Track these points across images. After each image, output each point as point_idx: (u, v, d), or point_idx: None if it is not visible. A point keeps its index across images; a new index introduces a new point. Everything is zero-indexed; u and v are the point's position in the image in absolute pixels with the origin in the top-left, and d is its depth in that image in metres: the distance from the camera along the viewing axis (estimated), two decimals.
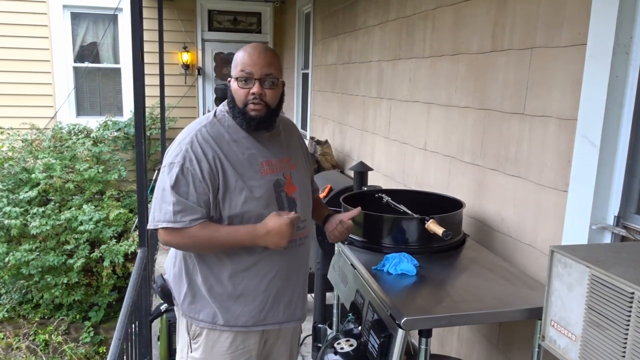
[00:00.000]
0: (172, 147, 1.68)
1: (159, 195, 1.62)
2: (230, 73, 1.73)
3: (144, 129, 2.62)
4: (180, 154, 1.61)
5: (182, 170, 1.59)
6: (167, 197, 1.59)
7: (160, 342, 3.16)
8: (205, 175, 1.60)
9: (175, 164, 1.60)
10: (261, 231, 1.60)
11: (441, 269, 1.93)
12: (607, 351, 1.21)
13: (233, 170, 1.63)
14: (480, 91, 2.47)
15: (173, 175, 1.59)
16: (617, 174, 1.73)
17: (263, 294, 1.72)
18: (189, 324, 1.75)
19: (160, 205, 1.61)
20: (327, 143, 4.84)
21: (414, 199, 2.40)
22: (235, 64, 1.68)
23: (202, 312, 1.71)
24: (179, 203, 1.58)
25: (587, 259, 1.28)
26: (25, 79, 7.11)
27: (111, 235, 5.76)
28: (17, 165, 6.09)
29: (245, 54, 1.66)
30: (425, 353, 1.61)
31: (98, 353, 5.61)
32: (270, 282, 1.72)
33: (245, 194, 1.64)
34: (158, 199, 1.63)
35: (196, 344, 1.75)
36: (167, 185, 1.60)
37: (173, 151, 1.64)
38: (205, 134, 1.65)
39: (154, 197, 1.65)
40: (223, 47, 8.05)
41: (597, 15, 1.74)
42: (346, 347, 1.91)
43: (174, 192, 1.58)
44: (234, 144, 1.67)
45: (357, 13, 4.35)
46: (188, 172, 1.59)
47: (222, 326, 1.70)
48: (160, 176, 1.65)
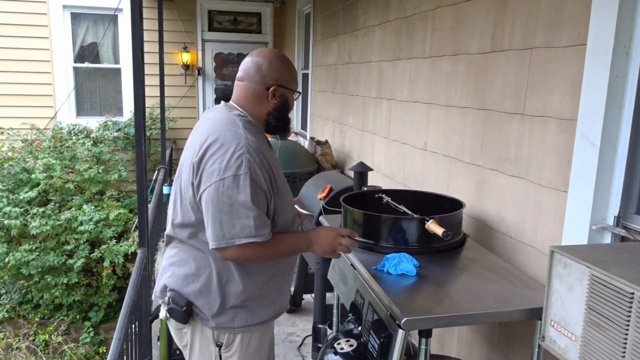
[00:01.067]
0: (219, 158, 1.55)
1: (226, 210, 1.52)
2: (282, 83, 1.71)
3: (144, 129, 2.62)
4: (243, 165, 1.52)
5: (252, 182, 1.53)
6: (241, 211, 1.52)
7: (160, 342, 3.15)
8: (266, 186, 1.59)
9: (242, 175, 1.52)
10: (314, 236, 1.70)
11: (441, 269, 1.93)
12: (607, 351, 1.21)
13: (279, 176, 1.68)
14: (480, 91, 2.48)
15: (247, 187, 1.52)
16: (617, 174, 1.73)
17: (282, 290, 1.82)
18: (217, 335, 1.70)
19: (232, 220, 1.52)
20: (327, 143, 4.85)
21: (414, 199, 2.40)
22: (293, 77, 1.74)
23: (236, 319, 1.70)
24: (259, 217, 1.54)
25: (587, 259, 1.28)
26: (25, 79, 7.11)
27: (111, 236, 5.76)
28: (17, 166, 6.09)
29: (295, 71, 1.78)
30: (425, 353, 1.61)
31: (98, 353, 5.61)
32: (287, 279, 1.84)
33: (289, 199, 1.73)
34: (225, 214, 1.53)
35: (229, 351, 1.71)
36: (239, 198, 1.52)
37: (228, 161, 1.53)
38: (253, 141, 1.59)
39: (217, 212, 1.53)
40: (223, 48, 8.05)
41: (597, 15, 1.74)
42: (346, 347, 1.91)
43: (253, 205, 1.53)
44: (268, 149, 1.70)
45: (357, 13, 4.35)
46: (255, 183, 1.54)
47: (253, 326, 1.73)
48: (219, 191, 1.53)
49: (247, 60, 1.72)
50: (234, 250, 1.56)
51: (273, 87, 1.68)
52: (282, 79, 1.70)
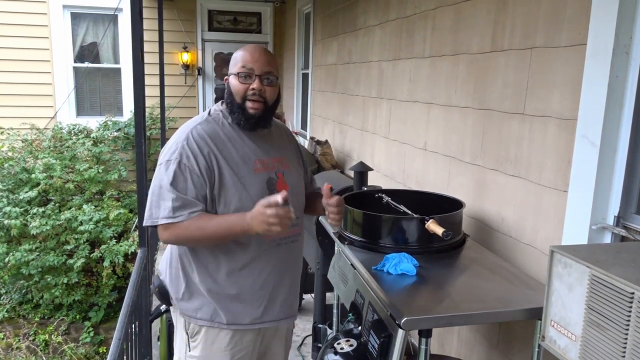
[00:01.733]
0: (167, 145, 1.69)
1: (156, 192, 1.63)
2: (227, 72, 1.76)
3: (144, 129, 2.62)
4: (176, 151, 1.62)
5: (179, 167, 1.61)
6: (165, 194, 1.61)
7: (160, 342, 3.16)
8: (203, 171, 1.62)
9: (172, 161, 1.62)
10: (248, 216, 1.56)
11: (441, 269, 1.93)
12: (607, 351, 1.21)
13: (228, 167, 1.66)
14: (480, 91, 2.48)
15: (171, 172, 1.61)
16: (617, 174, 1.73)
17: (259, 292, 1.74)
18: (187, 323, 1.76)
19: (158, 202, 1.62)
20: (327, 143, 4.84)
21: (414, 199, 2.40)
22: (235, 62, 1.72)
23: (201, 311, 1.72)
24: (178, 199, 1.60)
25: (587, 259, 1.28)
26: (25, 79, 7.11)
27: (111, 236, 5.76)
28: (17, 166, 6.09)
29: (246, 52, 1.71)
30: (425, 353, 1.61)
31: (98, 353, 5.61)
32: (265, 280, 1.75)
33: (240, 191, 1.66)
34: (155, 195, 1.63)
35: (195, 342, 1.76)
36: (164, 182, 1.61)
37: (169, 149, 1.66)
38: (201, 131, 1.67)
39: (151, 194, 1.66)
40: (223, 47, 8.05)
41: (597, 15, 1.74)
42: (346, 347, 1.91)
43: (172, 188, 1.60)
44: (228, 142, 1.69)
45: (357, 13, 4.35)
46: (185, 167, 1.61)
47: (220, 324, 1.72)
48: (157, 174, 1.66)
49: None
50: (162, 231, 1.64)
51: (225, 78, 1.77)
52: (230, 68, 1.75)
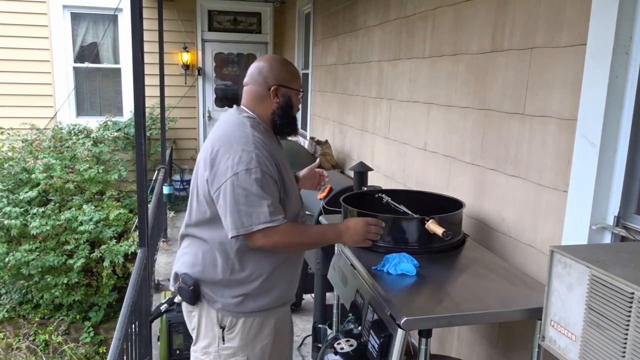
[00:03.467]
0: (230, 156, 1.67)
1: (243, 201, 1.65)
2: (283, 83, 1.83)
3: (144, 129, 2.62)
4: (253, 160, 1.66)
5: (263, 174, 1.67)
6: (255, 201, 1.65)
7: (160, 342, 3.16)
8: (276, 177, 1.73)
9: (254, 169, 1.65)
10: (343, 228, 1.84)
11: (441, 269, 1.93)
12: (607, 351, 1.21)
13: (285, 170, 1.80)
14: (480, 91, 2.48)
15: (258, 179, 1.65)
16: (617, 174, 1.73)
17: (289, 281, 1.91)
18: (220, 317, 1.82)
19: (249, 210, 1.65)
20: (327, 143, 4.85)
21: (414, 199, 2.40)
22: (294, 77, 1.85)
23: (241, 305, 1.81)
24: (272, 204, 1.67)
25: (587, 259, 1.28)
26: (25, 79, 7.11)
27: (111, 236, 5.76)
28: (17, 166, 6.09)
29: (297, 71, 1.90)
30: (425, 353, 1.61)
31: (98, 353, 5.61)
32: (294, 270, 1.93)
33: (294, 189, 1.84)
34: (243, 204, 1.65)
35: (231, 333, 1.83)
36: (253, 190, 1.65)
37: (239, 158, 1.66)
38: (260, 138, 1.73)
39: (234, 203, 1.65)
40: (223, 47, 8.05)
41: (597, 15, 1.74)
42: (346, 347, 1.91)
43: (265, 194, 1.66)
44: (275, 146, 1.82)
45: (357, 13, 4.35)
46: (266, 174, 1.68)
47: (257, 312, 1.83)
48: (234, 185, 1.65)
49: (251, 66, 1.87)
50: (259, 238, 1.69)
51: (274, 86, 1.81)
52: (282, 79, 1.82)
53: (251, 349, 1.83)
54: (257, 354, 1.85)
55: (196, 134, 7.99)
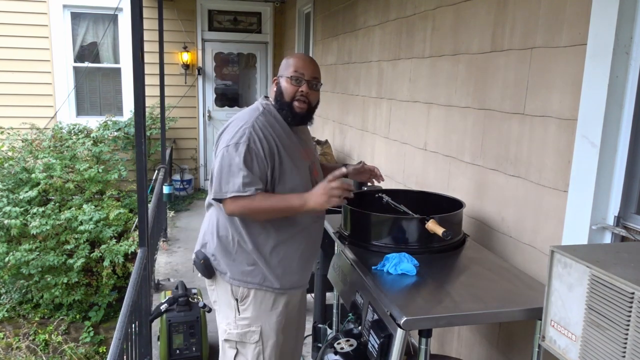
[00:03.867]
0: (230, 131, 1.88)
1: (226, 170, 1.83)
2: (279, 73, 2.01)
3: (144, 129, 2.62)
4: (245, 135, 1.84)
5: (248, 149, 1.82)
6: (235, 171, 1.82)
7: (160, 342, 3.16)
8: (267, 154, 1.86)
9: (242, 143, 1.82)
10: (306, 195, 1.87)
11: (441, 269, 1.93)
12: (607, 351, 1.21)
13: (286, 153, 1.91)
14: (480, 91, 2.48)
15: (241, 152, 1.81)
16: (617, 174, 1.73)
17: (299, 261, 2.00)
18: (235, 289, 1.96)
19: (228, 178, 1.83)
20: (327, 143, 4.85)
21: (414, 199, 2.40)
22: (286, 66, 1.98)
23: (251, 274, 1.94)
24: (248, 176, 1.82)
25: (587, 259, 1.28)
26: (25, 79, 7.11)
27: (111, 235, 5.75)
28: (17, 165, 6.08)
29: (298, 59, 1.99)
30: (425, 353, 1.61)
31: (98, 353, 5.61)
32: (304, 250, 2.02)
33: (294, 173, 1.93)
34: (225, 173, 1.83)
35: (244, 305, 1.96)
36: (235, 161, 1.82)
37: (235, 133, 1.85)
38: (263, 121, 1.91)
39: (219, 171, 1.85)
40: (223, 47, 8.04)
41: (597, 15, 1.74)
42: (346, 347, 1.91)
43: (244, 166, 1.81)
44: (283, 132, 1.95)
45: (357, 13, 4.35)
46: (252, 150, 1.83)
47: (268, 288, 1.96)
48: (224, 154, 1.84)
49: None
50: (229, 204, 1.85)
51: (274, 78, 2.03)
52: (281, 71, 2.00)
53: (265, 320, 1.97)
54: (273, 326, 1.98)
55: (196, 134, 7.99)
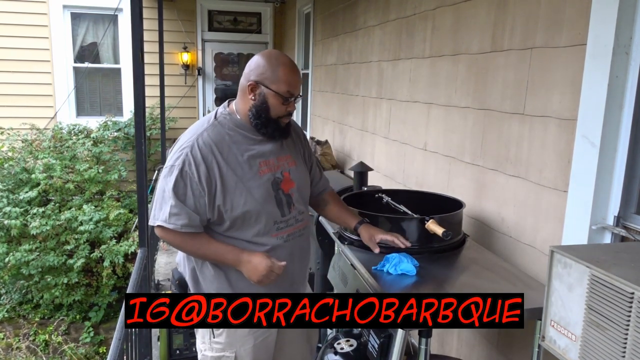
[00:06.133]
0: (174, 149, 1.76)
1: (160, 195, 1.72)
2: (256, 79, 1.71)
3: (144, 129, 2.62)
4: (180, 158, 1.68)
5: (181, 174, 1.67)
6: (166, 198, 1.70)
7: (160, 342, 3.16)
8: (202, 179, 1.67)
9: (175, 167, 1.68)
10: (245, 259, 1.71)
11: (441, 269, 1.93)
12: (607, 351, 1.21)
13: (232, 173, 1.70)
14: (480, 91, 2.48)
15: (173, 178, 1.68)
16: (617, 174, 1.73)
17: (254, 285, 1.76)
18: None
19: (161, 204, 1.72)
20: (327, 143, 4.85)
21: (414, 199, 2.40)
22: (276, 78, 1.69)
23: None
24: (176, 206, 1.68)
25: (587, 259, 1.28)
26: (25, 79, 7.11)
27: (111, 236, 5.76)
28: (17, 166, 6.09)
29: (289, 74, 1.70)
30: (425, 353, 1.61)
31: (98, 353, 5.61)
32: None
33: (245, 196, 1.71)
34: (159, 198, 1.73)
35: (218, 329, 1.83)
36: (167, 187, 1.69)
37: (174, 154, 1.72)
38: (207, 138, 1.71)
39: (156, 195, 1.75)
40: (223, 47, 8.05)
41: (597, 15, 1.74)
42: (346, 347, 1.91)
43: (173, 194, 1.67)
44: (234, 146, 1.73)
45: (357, 13, 4.35)
46: (187, 175, 1.67)
47: None
48: (162, 177, 1.74)
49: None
50: (159, 232, 1.75)
51: (251, 82, 1.71)
52: (263, 77, 1.70)
53: (240, 345, 1.82)
54: (249, 351, 1.83)
55: None
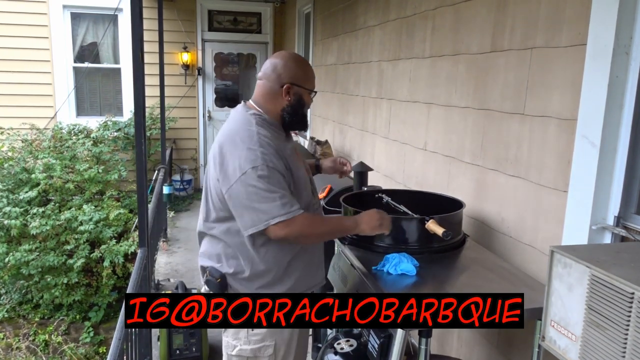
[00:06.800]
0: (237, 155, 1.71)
1: (254, 198, 1.68)
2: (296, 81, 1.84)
3: (144, 129, 2.62)
4: (259, 158, 1.69)
5: (268, 169, 1.69)
6: (267, 196, 1.68)
7: (160, 342, 3.16)
8: (284, 171, 1.74)
9: (260, 167, 1.68)
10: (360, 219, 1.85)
11: (441, 269, 1.93)
12: (607, 351, 1.21)
13: (292, 165, 1.80)
14: (480, 91, 2.48)
15: (264, 175, 1.68)
16: (617, 174, 1.73)
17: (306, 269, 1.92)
18: None
19: (261, 206, 1.68)
20: (327, 143, 4.85)
21: (414, 199, 2.40)
22: (307, 77, 1.88)
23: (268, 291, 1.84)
24: (283, 196, 1.69)
25: (587, 259, 1.28)
26: (25, 79, 7.11)
27: (111, 236, 5.75)
28: (17, 166, 6.08)
29: (312, 71, 1.92)
30: (425, 353, 1.61)
31: (98, 353, 5.61)
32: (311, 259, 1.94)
33: (303, 184, 1.86)
34: (254, 201, 1.68)
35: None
36: (260, 186, 1.67)
37: (246, 157, 1.69)
38: (266, 135, 1.76)
39: (247, 201, 1.69)
40: (223, 47, 8.05)
41: (597, 15, 1.74)
42: (346, 347, 1.91)
43: (274, 187, 1.68)
44: (279, 142, 1.82)
45: (357, 13, 4.35)
46: (273, 170, 1.70)
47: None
48: (244, 182, 1.68)
49: (267, 61, 1.89)
50: (278, 230, 1.69)
51: (287, 85, 1.82)
52: (296, 78, 1.84)
53: (278, 333, 1.87)
54: (285, 339, 1.88)
55: (196, 134, 7.99)
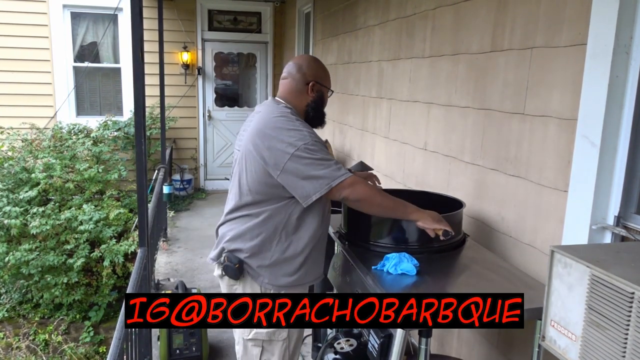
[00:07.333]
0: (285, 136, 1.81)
1: (310, 168, 1.78)
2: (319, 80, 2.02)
3: (144, 128, 2.62)
4: (306, 136, 1.82)
5: (315, 143, 1.82)
6: (322, 163, 1.79)
7: (160, 342, 3.16)
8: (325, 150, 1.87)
9: (309, 142, 1.81)
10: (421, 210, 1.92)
11: (441, 269, 1.93)
12: (607, 351, 1.21)
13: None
14: (481, 91, 2.47)
15: (314, 149, 1.80)
16: (617, 174, 1.73)
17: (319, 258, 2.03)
18: (264, 289, 1.95)
19: (318, 173, 1.79)
20: (327, 143, 4.85)
21: (413, 198, 2.40)
22: (325, 76, 2.06)
23: (283, 277, 1.94)
24: (337, 162, 1.83)
25: (587, 259, 1.28)
26: (25, 79, 7.11)
27: (111, 235, 5.75)
28: (17, 165, 6.08)
29: (328, 72, 2.10)
30: (425, 353, 1.61)
31: (98, 353, 5.61)
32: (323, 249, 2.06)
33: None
34: (311, 170, 1.78)
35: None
36: (315, 157, 1.79)
37: (292, 137, 1.81)
38: (304, 123, 1.92)
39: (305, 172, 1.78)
40: (223, 47, 8.04)
41: (597, 15, 1.74)
42: (346, 347, 1.91)
43: (327, 156, 1.81)
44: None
45: (357, 13, 4.35)
46: (320, 144, 1.84)
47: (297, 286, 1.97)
48: (298, 157, 1.78)
49: (290, 62, 2.06)
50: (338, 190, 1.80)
51: (312, 82, 2.00)
52: (319, 77, 2.03)
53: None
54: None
55: (196, 134, 7.99)
